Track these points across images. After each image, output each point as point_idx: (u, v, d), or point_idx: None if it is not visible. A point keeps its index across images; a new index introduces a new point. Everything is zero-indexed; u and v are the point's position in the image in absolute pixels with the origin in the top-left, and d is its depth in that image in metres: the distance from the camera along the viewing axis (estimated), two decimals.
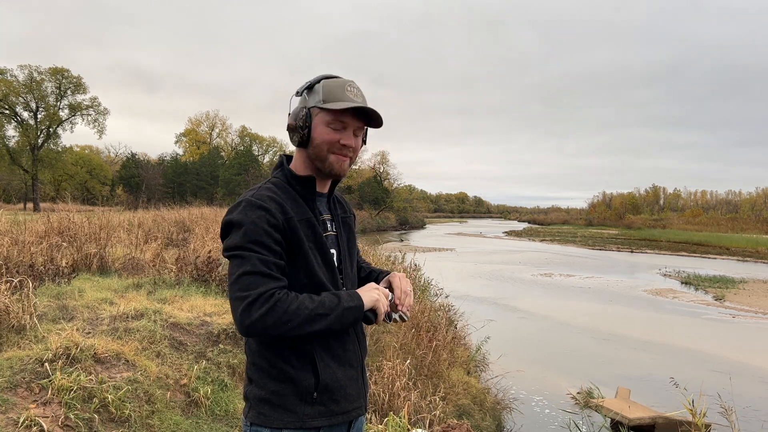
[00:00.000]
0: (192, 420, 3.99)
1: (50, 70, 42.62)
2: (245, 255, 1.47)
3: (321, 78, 1.64)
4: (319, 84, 1.63)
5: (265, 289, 1.44)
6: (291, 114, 1.66)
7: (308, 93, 1.64)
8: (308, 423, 1.56)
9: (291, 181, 1.65)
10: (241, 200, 1.56)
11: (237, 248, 1.49)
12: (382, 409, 4.86)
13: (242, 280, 1.45)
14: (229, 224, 1.53)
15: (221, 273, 7.32)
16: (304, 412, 1.55)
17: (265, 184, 1.63)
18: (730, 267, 27.66)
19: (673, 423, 6.20)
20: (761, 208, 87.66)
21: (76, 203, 14.49)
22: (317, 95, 1.61)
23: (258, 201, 1.53)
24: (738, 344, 11.55)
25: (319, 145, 1.62)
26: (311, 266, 1.58)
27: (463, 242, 42.35)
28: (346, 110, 1.60)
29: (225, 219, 1.54)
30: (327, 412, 1.59)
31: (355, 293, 1.58)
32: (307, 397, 1.56)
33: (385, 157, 70.37)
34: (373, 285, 1.65)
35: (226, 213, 1.56)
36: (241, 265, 1.47)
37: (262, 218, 1.50)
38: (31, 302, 4.59)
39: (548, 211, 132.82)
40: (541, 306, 15.05)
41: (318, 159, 1.64)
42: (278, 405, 1.55)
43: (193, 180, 56.92)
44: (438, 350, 6.72)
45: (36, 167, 42.08)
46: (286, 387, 1.55)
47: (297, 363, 1.55)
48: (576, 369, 9.16)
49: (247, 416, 1.60)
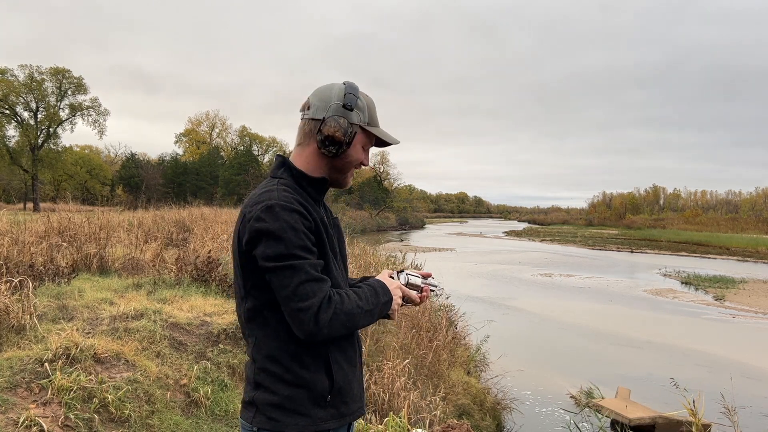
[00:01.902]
0: (192, 420, 3.99)
1: (51, 70, 42.59)
2: (296, 264, 1.44)
3: (355, 90, 1.63)
4: (363, 103, 1.64)
5: (322, 294, 1.45)
6: (336, 125, 1.58)
7: (355, 109, 1.62)
8: (320, 426, 1.54)
9: (302, 181, 1.63)
10: (269, 204, 1.48)
11: (285, 257, 1.44)
12: (382, 409, 4.86)
13: (301, 290, 1.43)
14: (265, 232, 1.45)
15: (221, 273, 7.31)
16: (317, 415, 1.54)
17: (279, 186, 1.56)
18: (730, 267, 27.66)
19: (673, 423, 6.20)
20: (761, 208, 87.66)
21: (76, 203, 14.51)
22: (362, 114, 1.63)
23: (289, 204, 1.49)
24: (738, 344, 11.55)
25: (350, 162, 1.65)
26: (331, 267, 1.58)
27: (463, 242, 42.35)
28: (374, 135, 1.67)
29: (257, 227, 1.46)
30: (338, 414, 1.59)
31: (385, 285, 1.62)
32: (321, 401, 1.55)
33: (385, 157, 70.46)
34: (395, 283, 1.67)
35: (255, 220, 1.47)
36: (294, 275, 1.44)
37: (299, 222, 1.48)
38: (31, 302, 4.59)
39: (548, 211, 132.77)
40: (541, 306, 15.05)
41: (340, 172, 1.67)
42: (291, 410, 1.52)
43: (193, 180, 56.89)
44: (438, 350, 6.72)
45: (36, 167, 42.04)
46: (300, 391, 1.53)
47: (313, 366, 1.54)
48: (576, 369, 9.16)
49: (252, 421, 1.55)
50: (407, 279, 1.72)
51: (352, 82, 1.66)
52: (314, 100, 1.63)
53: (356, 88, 1.64)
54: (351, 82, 1.66)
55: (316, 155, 1.64)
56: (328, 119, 1.59)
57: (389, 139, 1.70)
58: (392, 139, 1.71)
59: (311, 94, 1.66)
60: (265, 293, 1.52)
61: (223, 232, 12.25)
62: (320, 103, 1.62)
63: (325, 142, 1.60)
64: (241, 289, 1.59)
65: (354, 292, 1.54)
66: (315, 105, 1.62)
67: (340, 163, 1.65)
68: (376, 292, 1.58)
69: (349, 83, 1.65)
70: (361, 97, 1.65)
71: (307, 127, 1.64)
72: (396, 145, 1.74)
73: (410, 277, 1.73)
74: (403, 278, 1.72)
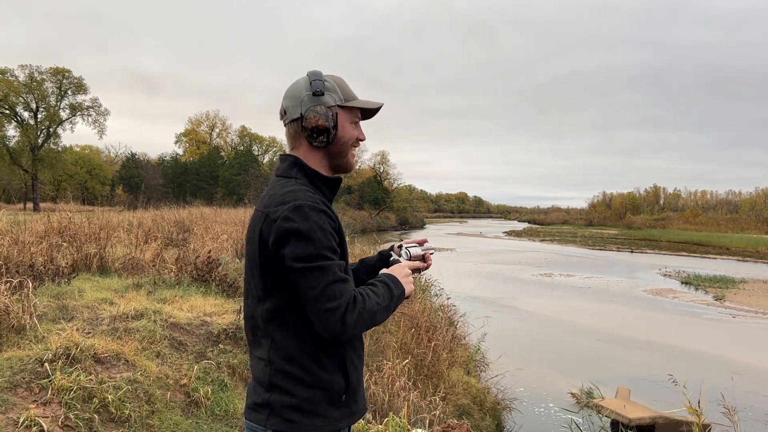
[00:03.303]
0: (192, 420, 3.99)
1: (51, 70, 42.63)
2: (324, 265, 1.45)
3: (319, 74, 1.64)
4: (331, 83, 1.65)
5: (348, 295, 1.47)
6: (315, 114, 1.59)
7: (326, 92, 1.63)
8: (335, 426, 1.56)
9: (316, 181, 1.63)
10: (298, 204, 1.48)
11: (314, 258, 1.45)
12: (382, 409, 4.86)
13: (328, 291, 1.44)
14: (294, 232, 1.46)
15: (221, 273, 7.32)
16: (333, 415, 1.55)
17: (298, 185, 1.57)
18: (730, 267, 27.66)
19: (673, 423, 6.20)
20: (761, 208, 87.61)
21: (76, 203, 14.49)
22: (335, 94, 1.64)
23: (317, 204, 1.50)
24: (738, 344, 11.55)
25: (345, 143, 1.66)
26: (347, 266, 1.61)
27: (463, 242, 42.35)
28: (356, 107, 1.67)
29: (286, 226, 1.46)
30: (350, 413, 1.61)
31: (396, 279, 1.64)
32: (336, 401, 1.56)
33: (385, 157, 70.45)
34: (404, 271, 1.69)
35: (283, 219, 1.47)
36: (323, 276, 1.45)
37: (326, 222, 1.50)
38: (31, 302, 4.59)
39: (548, 211, 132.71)
40: (541, 306, 15.05)
41: (340, 156, 1.67)
42: (309, 411, 1.52)
43: (193, 180, 56.90)
44: (438, 350, 6.72)
45: (36, 167, 42.06)
46: (317, 393, 1.53)
47: (330, 368, 1.55)
48: (576, 369, 9.16)
49: (266, 424, 1.53)
50: (409, 253, 1.81)
51: (315, 70, 1.67)
52: (287, 103, 1.65)
53: (319, 73, 1.66)
54: (313, 70, 1.67)
55: (310, 152, 1.65)
56: (305, 113, 1.61)
57: (372, 105, 1.70)
58: (374, 103, 1.71)
59: (283, 99, 1.67)
60: (286, 293, 1.52)
61: (223, 232, 12.25)
62: (293, 102, 1.63)
63: (313, 135, 1.61)
64: (258, 290, 1.57)
65: (371, 290, 1.56)
66: (289, 106, 1.64)
67: (335, 148, 1.66)
68: (389, 287, 1.60)
69: (311, 72, 1.66)
70: (328, 79, 1.66)
71: (291, 130, 1.66)
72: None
73: (411, 250, 1.81)
74: (405, 254, 1.80)
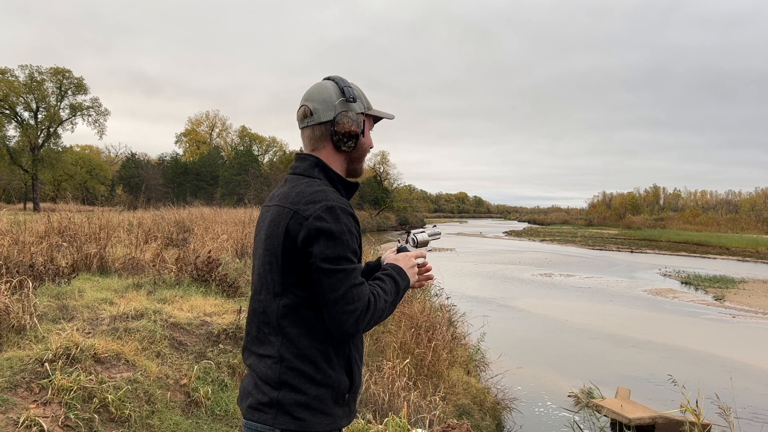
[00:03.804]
0: (192, 420, 3.99)
1: (51, 70, 42.59)
2: (348, 268, 1.48)
3: (347, 82, 1.68)
4: (358, 91, 1.70)
5: (366, 299, 1.50)
6: (348, 120, 1.62)
7: (357, 100, 1.68)
8: (338, 424, 1.58)
9: (338, 184, 1.66)
10: (330, 205, 1.50)
11: (340, 260, 1.48)
12: (382, 409, 4.86)
13: (349, 294, 1.47)
14: (326, 233, 1.47)
15: (221, 273, 7.32)
16: (336, 414, 1.57)
17: (324, 186, 1.59)
18: (730, 267, 27.66)
19: (673, 423, 6.20)
20: (761, 208, 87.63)
21: (76, 203, 14.48)
22: (362, 102, 1.69)
23: (347, 207, 1.53)
24: (738, 344, 11.55)
25: (365, 150, 1.72)
26: None
27: (463, 242, 42.35)
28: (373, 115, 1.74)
29: (318, 225, 1.47)
30: (349, 412, 1.63)
31: (402, 270, 1.69)
32: (340, 400, 1.58)
33: (385, 157, 70.36)
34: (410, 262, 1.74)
35: (315, 219, 1.48)
36: (346, 279, 1.47)
37: (354, 226, 1.54)
38: (31, 302, 4.59)
39: (548, 211, 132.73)
40: (541, 306, 15.05)
41: (358, 161, 1.73)
42: (317, 409, 1.53)
43: (193, 180, 56.87)
44: (438, 350, 6.72)
45: (36, 167, 42.04)
46: (325, 391, 1.55)
47: (338, 366, 1.57)
48: (576, 369, 9.16)
49: (274, 423, 1.52)
50: (416, 239, 1.90)
51: (339, 76, 1.69)
52: (315, 105, 1.64)
53: (346, 80, 1.69)
54: (338, 76, 1.69)
55: (334, 155, 1.68)
56: (338, 118, 1.62)
57: (389, 116, 1.79)
58: (390, 115, 1.79)
59: (306, 100, 1.67)
60: (305, 291, 1.53)
61: (223, 232, 12.25)
62: (323, 105, 1.64)
63: (344, 140, 1.64)
64: (276, 285, 1.56)
65: (380, 287, 1.59)
66: (318, 109, 1.64)
67: (357, 153, 1.71)
68: (395, 281, 1.64)
69: (336, 77, 1.69)
70: (354, 86, 1.70)
71: (317, 132, 1.65)
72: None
73: (418, 236, 1.91)
74: (411, 240, 1.90)
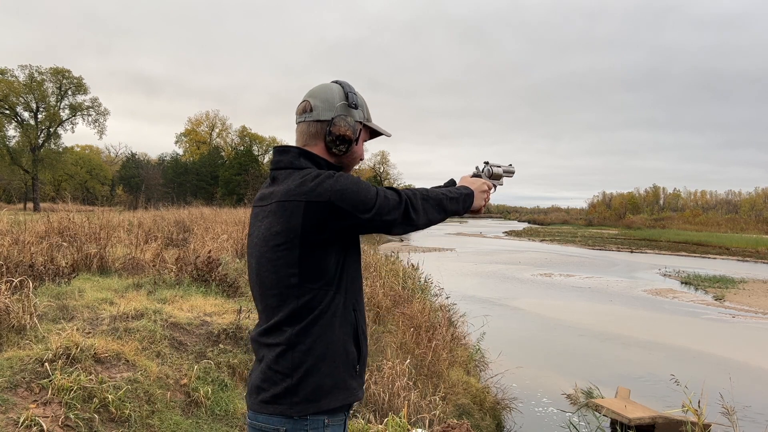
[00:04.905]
0: (192, 420, 3.99)
1: (51, 70, 42.62)
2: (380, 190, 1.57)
3: (353, 88, 1.68)
4: (362, 100, 1.70)
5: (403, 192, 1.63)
6: (345, 123, 1.61)
7: (358, 107, 1.67)
8: (354, 396, 1.59)
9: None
10: (329, 173, 1.53)
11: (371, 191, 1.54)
12: (381, 409, 4.86)
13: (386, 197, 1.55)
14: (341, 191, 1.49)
15: (221, 273, 7.32)
16: (352, 386, 1.59)
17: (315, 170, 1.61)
18: (730, 267, 27.66)
19: (673, 423, 6.20)
20: (761, 208, 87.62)
21: (76, 203, 14.50)
22: (362, 111, 1.69)
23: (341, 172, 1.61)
24: (738, 344, 11.55)
25: (355, 159, 1.71)
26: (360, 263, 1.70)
27: (464, 242, 42.35)
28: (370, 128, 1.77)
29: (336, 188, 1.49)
30: (362, 383, 1.65)
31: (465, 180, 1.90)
32: (352, 371, 1.60)
33: (385, 157, 70.51)
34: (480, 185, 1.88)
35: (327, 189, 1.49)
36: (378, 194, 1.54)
37: (356, 178, 1.60)
38: (31, 302, 4.59)
39: (548, 211, 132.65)
40: (541, 306, 15.05)
41: (347, 169, 1.73)
42: (333, 385, 1.54)
43: (193, 180, 56.91)
44: (438, 350, 6.72)
45: (36, 167, 42.07)
46: (338, 367, 1.55)
47: (346, 337, 1.58)
48: (576, 369, 9.16)
49: (290, 413, 1.50)
50: (491, 170, 2.03)
51: (346, 81, 1.69)
52: (317, 102, 1.64)
53: (353, 87, 1.69)
54: (345, 81, 1.69)
55: (323, 155, 1.66)
56: (336, 119, 1.61)
57: (384, 132, 1.79)
58: (386, 132, 1.79)
59: (309, 97, 1.66)
60: (322, 277, 1.53)
61: (223, 232, 12.26)
62: (324, 104, 1.63)
63: (336, 142, 1.62)
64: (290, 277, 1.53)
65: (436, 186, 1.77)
66: (318, 107, 1.63)
67: (346, 160, 1.69)
68: (455, 184, 1.85)
69: (343, 82, 1.68)
70: (362, 98, 1.70)
71: (312, 129, 1.64)
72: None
73: (494, 168, 2.04)
74: (486, 171, 2.03)
